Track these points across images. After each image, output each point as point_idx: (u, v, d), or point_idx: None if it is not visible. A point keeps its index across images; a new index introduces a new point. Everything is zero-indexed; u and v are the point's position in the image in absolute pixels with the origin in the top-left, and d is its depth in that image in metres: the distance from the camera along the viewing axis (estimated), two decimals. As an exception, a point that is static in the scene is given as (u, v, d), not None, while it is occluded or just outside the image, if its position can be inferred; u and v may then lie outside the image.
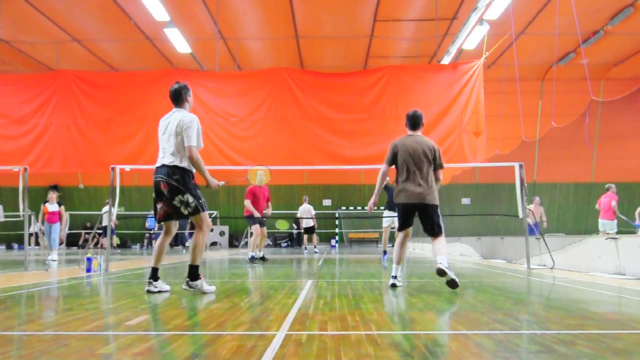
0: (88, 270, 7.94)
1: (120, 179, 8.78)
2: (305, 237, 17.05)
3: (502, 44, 14.98)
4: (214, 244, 25.14)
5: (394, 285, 5.55)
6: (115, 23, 15.84)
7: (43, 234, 12.40)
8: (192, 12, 15.16)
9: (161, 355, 2.53)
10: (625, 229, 14.13)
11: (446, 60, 15.93)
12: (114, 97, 12.26)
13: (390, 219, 11.08)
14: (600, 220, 13.66)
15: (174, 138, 5.08)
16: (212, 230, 24.31)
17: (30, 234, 12.65)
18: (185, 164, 5.05)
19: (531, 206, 12.46)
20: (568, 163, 21.50)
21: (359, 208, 26.39)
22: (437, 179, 5.72)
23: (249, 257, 10.75)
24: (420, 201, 5.53)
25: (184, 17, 15.26)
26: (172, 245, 25.74)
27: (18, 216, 8.75)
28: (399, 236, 5.78)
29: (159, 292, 5.14)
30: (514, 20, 13.56)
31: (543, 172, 20.95)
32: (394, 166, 5.80)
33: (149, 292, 5.11)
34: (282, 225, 14.98)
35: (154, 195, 5.16)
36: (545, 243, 8.46)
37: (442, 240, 5.54)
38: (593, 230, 19.06)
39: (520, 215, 8.62)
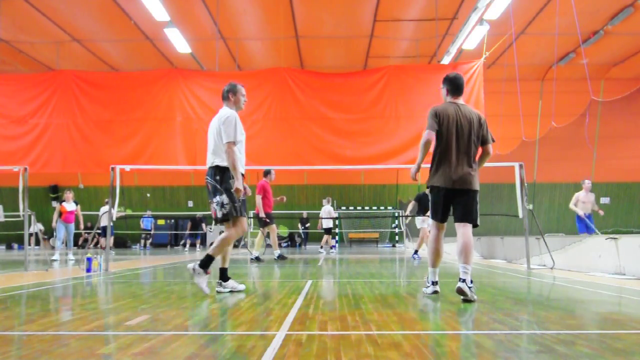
0: (88, 270, 7.94)
1: (120, 179, 8.78)
2: (326, 237, 17.20)
3: (502, 44, 14.98)
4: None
5: (435, 292, 4.84)
6: (115, 23, 15.84)
7: (53, 234, 12.41)
8: (192, 12, 15.16)
9: (161, 355, 2.53)
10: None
11: (446, 60, 15.94)
12: (114, 97, 12.24)
13: (427, 220, 11.22)
14: None
15: (217, 136, 5.01)
16: (211, 230, 24.33)
17: (30, 234, 12.64)
18: (225, 162, 4.93)
19: (580, 194, 12.34)
20: (568, 163, 21.47)
21: (358, 208, 26.40)
22: (486, 154, 4.80)
23: (276, 256, 11.36)
24: (463, 186, 4.57)
25: (184, 17, 15.26)
26: (172, 245, 25.75)
27: (18, 216, 8.75)
28: (433, 231, 4.83)
29: (231, 292, 5.09)
30: (514, 20, 13.56)
31: (543, 172, 20.93)
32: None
33: (218, 292, 5.05)
34: (282, 230, 15.04)
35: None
36: (545, 243, 8.46)
37: (470, 235, 4.59)
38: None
39: (520, 215, 8.62)
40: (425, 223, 11.14)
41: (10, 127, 12.04)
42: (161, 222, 25.48)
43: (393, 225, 25.99)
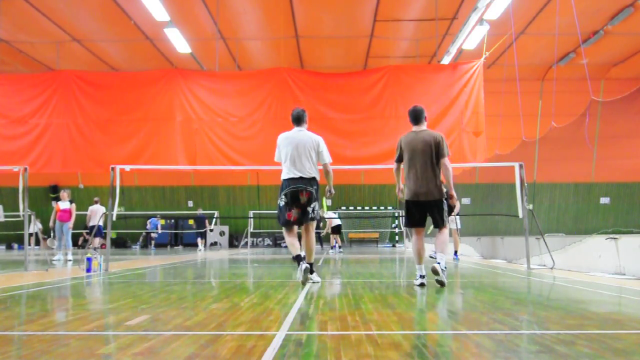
0: (88, 270, 7.94)
1: (120, 179, 8.78)
2: (336, 236, 17.19)
3: (502, 44, 14.98)
4: (214, 244, 25.14)
5: (422, 285, 5.61)
6: (115, 23, 15.84)
7: (53, 235, 12.37)
8: (192, 12, 15.16)
9: (161, 355, 2.53)
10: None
11: (446, 60, 15.93)
12: (114, 97, 12.25)
13: (455, 220, 11.39)
14: None
15: (312, 154, 6.04)
16: (212, 230, 24.34)
17: (30, 234, 12.63)
18: (317, 177, 6.05)
19: None
20: (568, 163, 21.47)
21: (358, 208, 26.40)
22: (443, 167, 5.70)
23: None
24: (425, 198, 5.61)
25: (184, 17, 15.25)
26: (172, 245, 25.75)
27: (18, 216, 8.75)
28: (413, 236, 5.84)
29: (313, 282, 5.89)
30: (514, 20, 13.56)
31: (543, 172, 20.92)
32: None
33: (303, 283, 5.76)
34: None
35: (285, 201, 5.91)
36: (545, 243, 8.46)
37: (445, 233, 5.71)
38: (593, 230, 19.05)
39: (520, 215, 8.62)
40: (453, 223, 11.19)
41: (10, 127, 12.04)
42: (161, 222, 25.51)
43: (393, 225, 25.99)
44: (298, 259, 5.83)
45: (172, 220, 26.25)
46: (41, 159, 11.88)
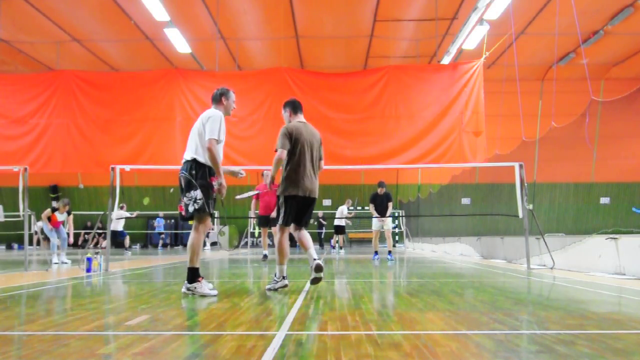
0: (88, 270, 7.94)
1: (120, 179, 8.78)
2: (340, 237, 17.12)
3: (502, 44, 14.99)
4: (214, 244, 25.13)
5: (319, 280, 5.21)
6: (115, 23, 15.84)
7: (46, 238, 12.25)
8: (192, 12, 15.16)
9: (161, 355, 2.53)
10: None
11: (446, 60, 15.93)
12: (114, 97, 12.25)
13: (379, 223, 11.78)
14: None
15: (197, 133, 5.04)
16: (212, 229, 24.35)
17: (30, 234, 12.60)
18: (203, 159, 4.96)
19: None
20: (568, 163, 21.45)
21: (358, 208, 26.40)
22: (320, 169, 5.55)
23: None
24: (313, 195, 5.36)
25: (184, 17, 15.26)
26: (172, 245, 25.76)
27: (18, 216, 8.75)
28: (287, 232, 5.36)
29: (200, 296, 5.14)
30: (514, 20, 13.56)
31: (543, 172, 20.90)
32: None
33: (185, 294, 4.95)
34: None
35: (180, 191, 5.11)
36: (545, 243, 8.46)
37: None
38: (593, 230, 19.04)
39: (520, 215, 8.62)
40: (376, 226, 11.97)
41: (10, 127, 12.04)
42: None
43: (393, 226, 25.98)
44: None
45: (172, 220, 26.25)
46: (41, 159, 11.88)
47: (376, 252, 11.84)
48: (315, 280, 5.13)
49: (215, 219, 24.68)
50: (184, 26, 15.43)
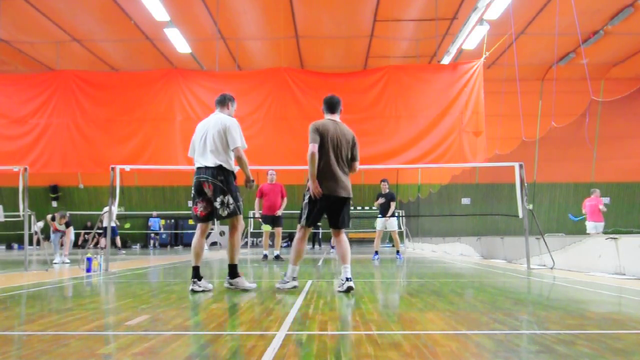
0: (88, 270, 7.94)
1: (120, 179, 8.78)
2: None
3: (502, 44, 14.99)
4: (214, 244, 25.13)
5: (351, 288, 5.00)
6: (115, 23, 15.84)
7: (47, 238, 12.22)
8: (192, 12, 15.16)
9: (161, 355, 2.53)
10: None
11: (446, 60, 15.93)
12: (114, 97, 12.25)
13: (384, 223, 11.82)
14: (588, 223, 14.00)
15: (218, 139, 5.22)
16: (212, 229, 24.40)
17: (30, 234, 12.60)
18: (228, 165, 5.22)
19: None
20: (568, 163, 21.48)
21: (358, 208, 26.39)
22: (352, 170, 5.45)
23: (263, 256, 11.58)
24: (338, 193, 5.24)
25: (184, 17, 15.26)
26: (172, 245, 25.76)
27: (18, 216, 8.75)
28: (306, 233, 5.37)
29: (203, 291, 5.16)
30: (514, 20, 13.56)
31: (543, 172, 20.94)
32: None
33: (193, 291, 5.12)
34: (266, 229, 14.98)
35: (193, 194, 5.31)
36: (545, 243, 8.46)
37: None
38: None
39: (520, 215, 8.62)
40: (380, 226, 12.13)
41: (10, 127, 12.04)
42: (161, 222, 25.52)
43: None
44: (195, 271, 5.25)
45: (172, 220, 26.26)
46: (41, 159, 11.88)
47: (376, 252, 11.84)
48: (345, 290, 4.98)
49: (215, 219, 24.66)
50: (184, 26, 15.44)
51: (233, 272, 5.35)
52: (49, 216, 12.21)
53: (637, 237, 8.07)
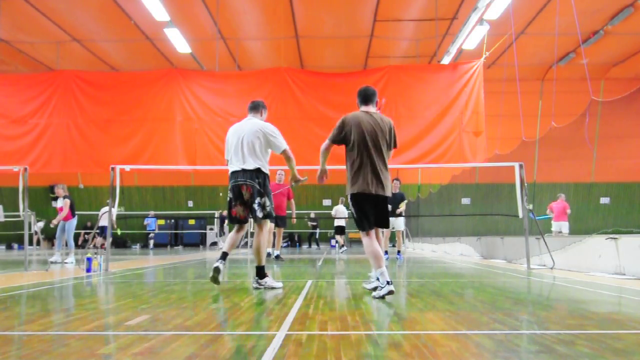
0: (88, 270, 7.94)
1: (120, 179, 8.78)
2: (340, 237, 17.02)
3: (502, 44, 14.99)
4: (213, 244, 25.13)
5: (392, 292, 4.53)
6: (115, 23, 15.84)
7: (46, 238, 12.21)
8: (192, 12, 15.16)
9: (161, 355, 2.53)
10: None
11: (446, 60, 15.94)
12: (114, 97, 12.25)
13: (390, 222, 11.49)
14: (555, 222, 15.19)
15: (257, 143, 5.38)
16: (212, 229, 24.34)
17: (30, 234, 12.60)
18: (265, 168, 5.40)
19: None
20: (568, 163, 21.50)
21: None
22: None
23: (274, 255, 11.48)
24: (376, 191, 4.82)
25: (184, 17, 15.26)
26: (172, 245, 25.75)
27: (18, 216, 8.75)
28: (371, 236, 4.85)
29: (272, 288, 5.36)
30: (514, 20, 13.56)
31: (543, 172, 20.94)
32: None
33: (257, 289, 5.37)
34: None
35: (230, 197, 5.47)
36: (545, 243, 8.46)
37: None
38: (593, 230, 19.05)
39: (520, 215, 8.61)
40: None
41: (10, 127, 12.04)
42: (161, 222, 25.50)
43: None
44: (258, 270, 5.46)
45: (172, 220, 26.25)
46: (41, 159, 11.88)
47: (386, 252, 11.20)
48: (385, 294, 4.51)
49: (215, 220, 24.65)
50: (184, 26, 15.44)
51: (261, 272, 5.47)
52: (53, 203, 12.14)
53: (637, 237, 8.07)
